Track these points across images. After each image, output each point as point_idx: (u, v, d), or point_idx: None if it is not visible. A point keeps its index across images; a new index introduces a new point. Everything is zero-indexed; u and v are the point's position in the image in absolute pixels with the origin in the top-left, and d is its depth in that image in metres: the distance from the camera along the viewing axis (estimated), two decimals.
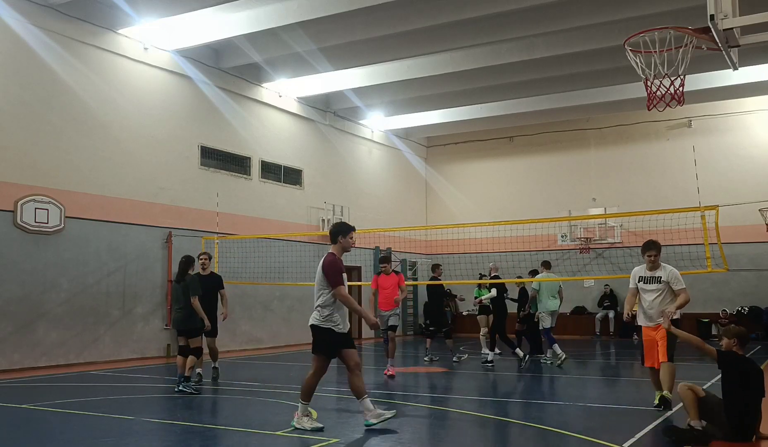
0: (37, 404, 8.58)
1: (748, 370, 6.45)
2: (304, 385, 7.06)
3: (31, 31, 13.12)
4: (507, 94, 19.96)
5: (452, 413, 8.21)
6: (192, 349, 9.65)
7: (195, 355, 9.68)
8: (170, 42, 15.53)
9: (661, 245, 8.09)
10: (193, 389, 9.48)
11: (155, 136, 15.53)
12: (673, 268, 8.02)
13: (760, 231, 19.38)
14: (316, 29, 15.15)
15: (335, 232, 7.50)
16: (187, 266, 9.92)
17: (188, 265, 9.93)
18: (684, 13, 13.10)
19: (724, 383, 6.50)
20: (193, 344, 9.68)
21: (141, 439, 6.84)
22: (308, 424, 6.92)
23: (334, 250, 7.44)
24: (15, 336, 12.57)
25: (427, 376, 12.32)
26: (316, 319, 7.14)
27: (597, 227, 21.78)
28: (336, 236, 7.45)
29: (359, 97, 20.09)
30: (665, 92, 7.77)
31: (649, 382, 8.46)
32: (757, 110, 20.88)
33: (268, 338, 18.03)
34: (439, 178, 25.80)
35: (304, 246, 18.99)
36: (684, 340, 7.19)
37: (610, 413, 7.98)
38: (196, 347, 9.71)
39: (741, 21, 6.59)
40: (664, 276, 7.86)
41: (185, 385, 9.44)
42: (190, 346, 9.66)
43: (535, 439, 6.65)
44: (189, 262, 9.98)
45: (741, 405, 6.25)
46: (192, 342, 9.68)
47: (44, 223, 13.09)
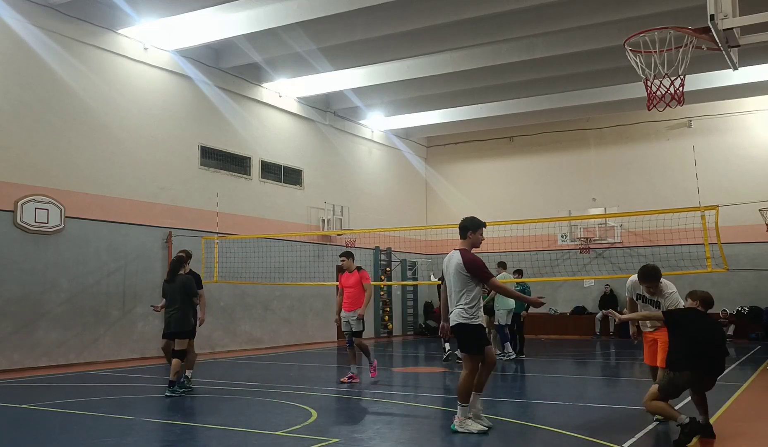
0: (37, 404, 8.58)
1: (695, 318, 6.59)
2: (460, 387, 6.76)
3: (31, 31, 13.12)
4: (507, 94, 19.96)
5: (452, 413, 8.19)
6: (177, 352, 9.38)
7: (180, 358, 9.38)
8: (170, 42, 15.53)
9: (659, 273, 7.21)
10: (180, 393, 9.23)
11: (155, 136, 15.53)
12: (674, 293, 7.31)
13: (760, 231, 19.37)
14: (316, 29, 15.15)
15: (466, 226, 7.11)
16: (179, 264, 9.66)
17: (180, 264, 9.68)
18: (684, 13, 13.10)
19: (670, 336, 6.57)
20: (180, 347, 9.40)
21: (141, 439, 6.84)
22: (473, 426, 6.65)
23: (464, 246, 7.03)
24: (15, 336, 12.57)
25: (427, 376, 12.31)
26: (465, 317, 6.77)
27: (597, 227, 21.77)
28: (466, 231, 7.09)
29: (359, 97, 20.09)
30: (665, 92, 7.76)
31: (648, 381, 8.45)
32: (757, 110, 20.87)
33: (268, 338, 18.03)
34: (439, 178, 25.80)
35: (304, 246, 18.99)
36: (637, 319, 7.15)
37: (610, 413, 7.98)
38: (182, 350, 9.42)
39: (741, 21, 6.59)
40: (664, 304, 7.22)
41: (171, 390, 9.17)
42: (175, 348, 9.38)
43: (535, 439, 6.65)
44: (181, 260, 9.71)
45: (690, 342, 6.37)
46: (179, 344, 9.41)
47: (44, 223, 13.09)
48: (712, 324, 6.72)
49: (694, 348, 6.36)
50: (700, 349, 6.37)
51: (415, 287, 24.15)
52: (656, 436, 6.69)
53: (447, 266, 7.00)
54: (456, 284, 6.83)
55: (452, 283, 6.87)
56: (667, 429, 6.99)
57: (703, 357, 6.36)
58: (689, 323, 6.54)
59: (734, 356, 15.55)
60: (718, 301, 21.99)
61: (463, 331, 6.82)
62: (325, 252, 19.99)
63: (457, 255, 6.91)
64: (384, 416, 8.09)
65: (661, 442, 6.55)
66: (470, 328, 6.79)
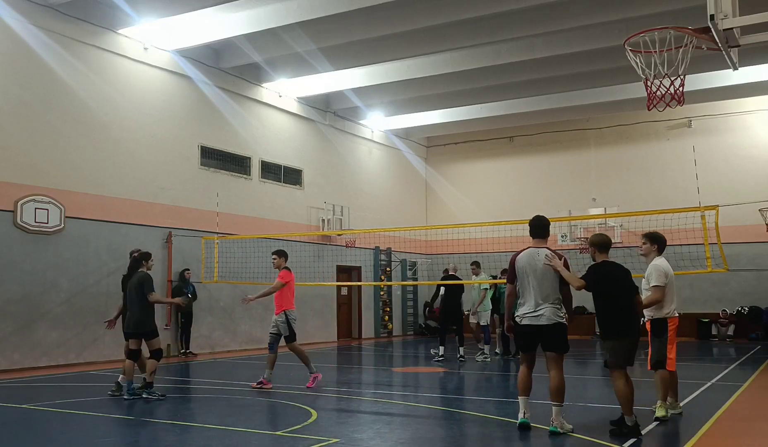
0: (37, 404, 8.58)
1: (610, 272, 6.80)
2: (559, 387, 6.67)
3: (31, 31, 13.12)
4: (507, 94, 19.96)
5: (452, 413, 8.21)
6: (152, 352, 9.04)
7: (156, 358, 9.06)
8: (170, 42, 15.53)
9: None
10: (158, 395, 8.92)
11: (155, 136, 15.53)
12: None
13: (760, 231, 19.36)
14: (316, 29, 15.15)
15: (547, 225, 7.09)
16: (139, 263, 9.16)
17: (140, 262, 9.15)
18: (684, 13, 13.10)
19: (595, 299, 6.82)
20: (152, 347, 9.04)
21: (141, 439, 6.84)
22: (567, 426, 6.65)
23: (545, 245, 7.02)
24: (15, 336, 12.57)
25: (427, 376, 12.31)
26: (560, 316, 6.70)
27: (597, 227, 21.73)
28: (547, 230, 7.10)
29: (359, 97, 20.09)
30: (665, 92, 7.77)
31: (649, 382, 8.45)
32: (757, 110, 20.87)
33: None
34: (439, 178, 25.80)
35: (304, 246, 18.98)
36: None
37: (610, 413, 7.96)
38: (157, 349, 9.08)
39: (741, 21, 6.60)
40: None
41: (149, 391, 8.90)
42: (150, 349, 9.04)
43: (536, 438, 6.64)
44: (145, 257, 9.19)
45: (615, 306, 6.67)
46: (151, 344, 9.03)
47: (44, 223, 13.08)
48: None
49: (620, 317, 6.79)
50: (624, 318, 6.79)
51: (415, 287, 24.14)
52: (656, 436, 6.69)
53: (530, 264, 6.80)
54: (546, 282, 6.71)
55: (540, 280, 6.73)
56: (668, 429, 7.00)
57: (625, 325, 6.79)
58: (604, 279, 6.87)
59: (734, 356, 15.57)
60: (718, 301, 22.22)
61: (562, 330, 6.73)
62: (325, 252, 19.99)
63: (548, 253, 6.80)
64: (384, 416, 8.09)
65: (661, 442, 6.55)
66: (566, 327, 6.79)
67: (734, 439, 6.64)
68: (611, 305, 6.74)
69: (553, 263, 6.70)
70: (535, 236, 7.07)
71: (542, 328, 6.67)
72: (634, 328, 6.81)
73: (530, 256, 6.87)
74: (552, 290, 6.72)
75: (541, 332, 6.71)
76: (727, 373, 12.15)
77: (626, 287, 6.83)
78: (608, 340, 6.82)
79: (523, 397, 6.82)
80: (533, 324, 6.71)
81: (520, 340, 6.97)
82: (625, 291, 6.80)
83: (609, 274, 6.81)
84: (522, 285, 6.83)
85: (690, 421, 7.31)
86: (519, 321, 6.84)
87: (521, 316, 6.80)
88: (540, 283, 6.72)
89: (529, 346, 6.87)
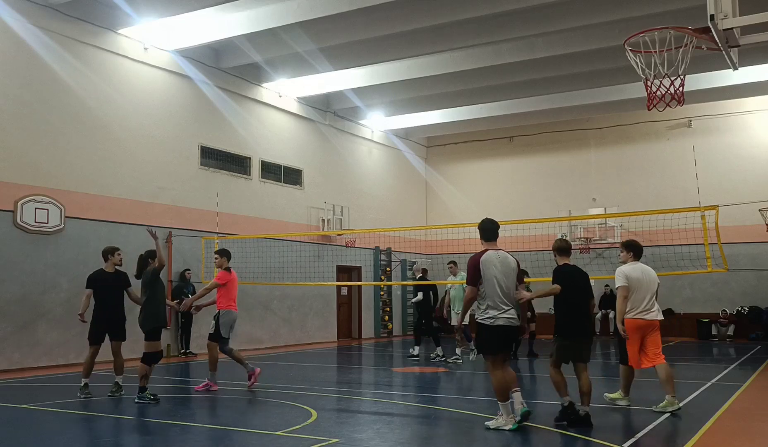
0: (37, 404, 8.58)
1: (572, 273, 7.33)
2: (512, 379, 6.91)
3: (31, 31, 13.12)
4: (507, 94, 19.96)
5: (452, 413, 8.20)
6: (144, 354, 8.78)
7: (146, 362, 8.80)
8: (170, 42, 15.53)
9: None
10: (149, 398, 8.65)
11: (155, 136, 15.53)
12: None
13: (760, 231, 19.37)
14: (316, 29, 15.15)
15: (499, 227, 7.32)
16: (146, 261, 9.02)
17: (147, 261, 9.02)
18: (684, 13, 13.10)
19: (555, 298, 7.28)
20: (150, 348, 8.80)
21: (141, 439, 6.85)
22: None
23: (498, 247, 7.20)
24: (15, 336, 12.57)
25: (427, 376, 12.31)
26: (517, 317, 6.92)
27: (597, 227, 21.76)
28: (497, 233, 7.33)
29: (359, 97, 20.09)
30: (665, 92, 7.77)
31: (648, 381, 8.45)
32: (757, 110, 20.88)
33: (268, 338, 18.02)
34: (439, 178, 25.80)
35: (304, 246, 18.99)
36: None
37: (610, 413, 7.97)
38: (147, 353, 8.78)
39: (741, 21, 6.60)
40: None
41: (140, 396, 8.69)
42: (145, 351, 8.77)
43: (535, 438, 6.64)
44: (151, 255, 8.99)
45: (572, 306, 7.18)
46: (146, 345, 8.78)
47: (44, 223, 13.09)
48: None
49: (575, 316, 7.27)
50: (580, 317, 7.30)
51: (415, 287, 24.11)
52: (656, 436, 6.69)
53: (501, 265, 6.88)
54: (512, 285, 6.89)
55: (509, 282, 6.87)
56: (668, 429, 7.00)
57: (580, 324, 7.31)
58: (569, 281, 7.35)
59: (734, 356, 15.57)
60: (718, 301, 22.22)
61: (514, 333, 6.93)
62: (325, 252, 19.99)
63: (510, 256, 7.02)
64: (384, 416, 8.09)
65: (661, 442, 6.55)
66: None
67: (734, 439, 6.63)
68: (569, 305, 7.20)
69: (524, 297, 7.01)
70: (490, 239, 7.18)
71: (514, 329, 6.89)
72: (587, 329, 7.32)
73: (501, 258, 6.95)
74: (512, 293, 6.92)
75: (513, 333, 6.92)
76: (727, 373, 12.14)
77: (583, 289, 7.30)
78: (559, 337, 7.25)
79: (506, 403, 6.83)
80: (509, 325, 6.83)
81: (494, 342, 6.85)
82: (582, 293, 7.27)
83: (570, 276, 7.29)
84: (489, 288, 6.83)
85: (690, 421, 7.31)
86: (491, 323, 6.80)
87: (494, 318, 6.79)
88: (509, 285, 6.88)
89: (507, 346, 7.03)
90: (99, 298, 9.36)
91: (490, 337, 6.85)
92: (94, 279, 9.41)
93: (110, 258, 9.38)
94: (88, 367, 9.30)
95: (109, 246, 9.72)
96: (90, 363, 9.32)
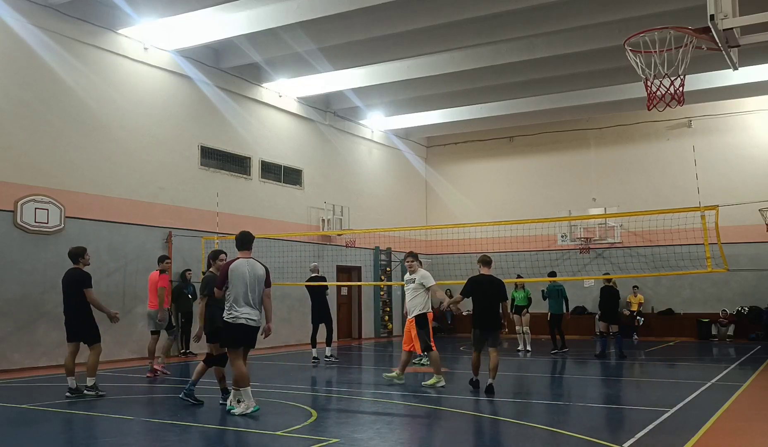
0: (37, 404, 8.58)
1: (481, 281, 9.62)
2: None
3: (31, 31, 13.12)
4: (507, 94, 19.95)
5: (452, 413, 8.21)
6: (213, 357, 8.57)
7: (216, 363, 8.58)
8: (170, 42, 15.53)
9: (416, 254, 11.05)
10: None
11: (155, 136, 15.53)
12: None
13: (760, 231, 19.37)
14: (316, 29, 15.15)
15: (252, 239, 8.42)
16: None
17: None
18: (684, 13, 13.09)
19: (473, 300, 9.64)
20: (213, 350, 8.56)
21: (141, 439, 6.85)
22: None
23: (250, 256, 8.27)
24: (15, 336, 12.57)
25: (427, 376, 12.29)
26: (257, 318, 8.02)
27: (597, 227, 21.76)
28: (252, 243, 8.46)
29: (359, 97, 20.09)
30: (665, 92, 7.77)
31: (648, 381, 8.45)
32: (757, 110, 20.87)
33: (268, 338, 17.97)
34: (439, 178, 25.80)
35: (304, 246, 18.98)
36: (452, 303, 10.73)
37: (610, 413, 7.98)
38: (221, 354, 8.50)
39: (741, 21, 6.60)
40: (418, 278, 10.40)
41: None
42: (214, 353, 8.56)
43: (535, 438, 6.65)
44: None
45: (478, 306, 9.54)
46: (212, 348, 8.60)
47: (44, 223, 13.08)
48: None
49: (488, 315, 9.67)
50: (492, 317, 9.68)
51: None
52: (656, 436, 6.69)
53: (250, 272, 7.90)
54: (258, 289, 8.00)
55: (255, 287, 7.95)
56: (668, 429, 7.00)
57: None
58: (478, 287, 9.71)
59: (734, 356, 15.57)
60: (718, 301, 22.22)
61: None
62: (325, 252, 19.99)
63: (259, 264, 8.07)
64: (384, 416, 8.09)
65: (661, 442, 6.55)
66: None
67: (734, 439, 6.64)
68: (476, 305, 9.58)
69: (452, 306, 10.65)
70: (242, 248, 8.11)
71: (253, 328, 8.06)
72: (494, 322, 9.55)
73: (251, 265, 8.00)
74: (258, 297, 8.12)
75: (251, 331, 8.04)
76: (727, 373, 12.15)
77: (490, 293, 9.54)
78: (475, 328, 9.62)
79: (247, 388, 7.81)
80: (248, 324, 7.94)
81: (235, 337, 7.94)
82: (488, 296, 9.53)
83: (477, 283, 9.63)
84: (235, 291, 7.83)
85: (690, 421, 7.31)
86: (233, 321, 7.83)
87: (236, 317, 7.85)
88: (253, 290, 7.96)
89: (247, 341, 8.15)
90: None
91: (232, 333, 7.88)
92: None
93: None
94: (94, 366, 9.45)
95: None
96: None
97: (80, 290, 9.24)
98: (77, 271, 9.43)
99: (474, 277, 9.65)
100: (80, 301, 9.26)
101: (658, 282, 21.01)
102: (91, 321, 9.37)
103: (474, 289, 9.56)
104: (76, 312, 9.29)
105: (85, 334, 9.28)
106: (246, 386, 7.69)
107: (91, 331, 9.32)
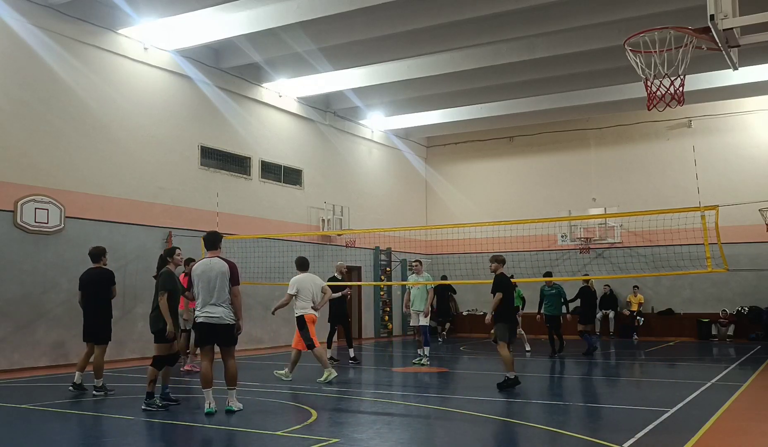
0: (37, 404, 8.58)
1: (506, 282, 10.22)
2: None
3: (31, 31, 13.12)
4: (507, 94, 19.95)
5: (452, 413, 8.21)
6: (153, 357, 8.34)
7: (155, 366, 8.26)
8: (170, 42, 15.53)
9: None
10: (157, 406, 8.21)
11: (155, 136, 15.53)
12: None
13: (760, 231, 19.37)
14: (316, 29, 15.15)
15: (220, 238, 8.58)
16: (165, 260, 8.76)
17: (165, 260, 8.81)
18: (684, 13, 13.09)
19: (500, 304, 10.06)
20: (155, 351, 8.32)
21: (141, 439, 6.85)
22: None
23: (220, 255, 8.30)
24: (15, 336, 12.56)
25: (427, 376, 12.31)
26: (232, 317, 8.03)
27: (597, 227, 21.77)
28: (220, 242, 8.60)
29: (359, 97, 20.09)
30: (665, 92, 7.77)
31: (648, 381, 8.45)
32: (757, 110, 20.87)
33: (268, 338, 18.02)
34: (439, 178, 25.80)
35: (304, 246, 18.96)
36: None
37: (610, 413, 7.98)
38: (157, 356, 8.27)
39: (741, 21, 6.60)
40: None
41: (148, 402, 8.22)
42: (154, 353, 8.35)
43: (536, 439, 6.65)
44: (169, 253, 8.86)
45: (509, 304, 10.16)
46: (155, 347, 8.33)
47: (44, 223, 13.08)
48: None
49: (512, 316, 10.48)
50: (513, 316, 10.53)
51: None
52: (656, 436, 6.69)
53: (208, 271, 7.90)
54: (220, 286, 7.85)
55: (218, 283, 7.85)
56: (668, 429, 7.00)
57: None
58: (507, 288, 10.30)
59: (734, 356, 15.57)
60: (718, 301, 22.21)
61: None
62: (325, 252, 19.98)
63: (222, 262, 7.99)
64: (384, 416, 8.09)
65: (661, 442, 6.55)
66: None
67: (734, 439, 6.64)
68: (508, 302, 10.13)
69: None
70: (209, 248, 8.25)
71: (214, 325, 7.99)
72: (513, 318, 10.35)
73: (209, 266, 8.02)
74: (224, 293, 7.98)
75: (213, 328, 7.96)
76: (727, 373, 12.15)
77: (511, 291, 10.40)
78: (504, 323, 9.99)
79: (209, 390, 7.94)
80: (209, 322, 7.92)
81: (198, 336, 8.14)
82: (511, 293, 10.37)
83: (508, 281, 10.30)
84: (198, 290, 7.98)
85: (690, 421, 7.31)
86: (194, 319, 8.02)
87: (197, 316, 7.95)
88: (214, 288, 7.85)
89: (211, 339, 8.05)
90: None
91: (195, 332, 8.11)
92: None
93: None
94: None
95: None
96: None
97: (106, 288, 9.50)
98: (101, 269, 9.59)
99: (505, 276, 10.27)
100: (102, 299, 9.46)
101: (658, 282, 21.01)
102: (109, 321, 9.56)
103: (507, 286, 10.14)
104: (96, 311, 9.44)
105: (100, 333, 9.46)
106: (207, 388, 7.85)
107: (107, 331, 9.52)
